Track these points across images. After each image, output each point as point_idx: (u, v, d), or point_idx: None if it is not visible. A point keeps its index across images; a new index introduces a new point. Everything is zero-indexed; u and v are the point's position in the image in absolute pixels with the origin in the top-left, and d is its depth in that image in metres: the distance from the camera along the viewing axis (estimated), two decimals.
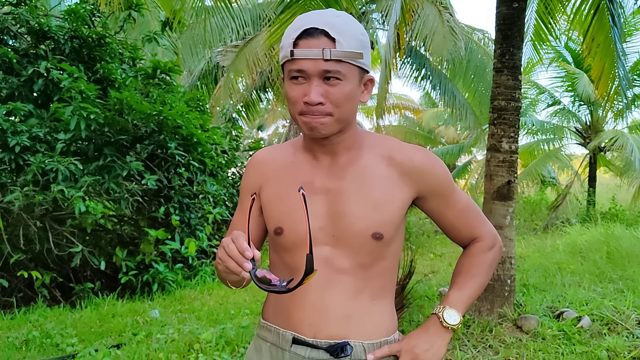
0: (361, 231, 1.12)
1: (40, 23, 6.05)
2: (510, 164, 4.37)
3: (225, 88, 9.75)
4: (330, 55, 1.02)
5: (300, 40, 1.04)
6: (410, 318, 4.36)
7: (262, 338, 1.24)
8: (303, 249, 1.08)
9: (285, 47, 1.06)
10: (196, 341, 3.82)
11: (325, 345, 1.13)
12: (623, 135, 11.64)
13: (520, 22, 4.46)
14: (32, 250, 5.30)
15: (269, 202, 1.20)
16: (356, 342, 1.15)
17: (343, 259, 1.14)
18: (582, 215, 12.00)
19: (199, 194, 6.56)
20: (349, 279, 1.14)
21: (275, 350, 1.20)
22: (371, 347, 1.16)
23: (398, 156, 1.16)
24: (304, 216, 0.98)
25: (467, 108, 11.35)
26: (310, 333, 1.15)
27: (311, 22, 1.04)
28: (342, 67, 1.04)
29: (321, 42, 1.03)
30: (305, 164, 1.18)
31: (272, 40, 5.08)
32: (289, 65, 1.06)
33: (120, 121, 5.93)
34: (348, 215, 1.12)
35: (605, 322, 4.15)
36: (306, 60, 1.03)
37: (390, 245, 1.17)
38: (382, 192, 1.13)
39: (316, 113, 1.06)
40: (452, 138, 21.87)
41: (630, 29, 10.72)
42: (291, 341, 1.17)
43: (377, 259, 1.16)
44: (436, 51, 8.72)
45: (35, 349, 3.95)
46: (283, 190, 1.18)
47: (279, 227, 1.16)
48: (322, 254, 1.13)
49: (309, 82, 1.05)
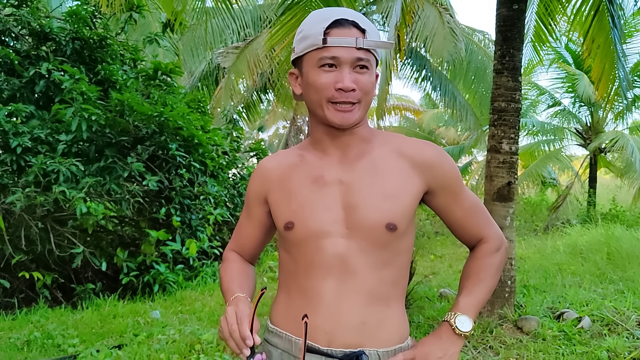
0: (375, 222, 1.10)
1: (42, 24, 6.06)
2: (511, 165, 4.38)
3: (226, 89, 9.77)
4: (363, 44, 1.07)
5: (332, 29, 1.08)
6: (410, 319, 4.37)
7: (272, 344, 1.21)
8: (313, 243, 1.12)
9: (314, 36, 1.08)
10: (197, 342, 3.83)
11: (341, 355, 1.11)
12: (623, 136, 11.64)
13: (520, 23, 4.47)
14: (33, 251, 5.30)
15: (278, 202, 1.20)
16: (371, 350, 1.12)
17: (358, 255, 1.11)
18: (582, 216, 12.00)
19: (200, 195, 6.56)
20: (364, 280, 1.12)
21: (288, 357, 1.17)
22: (386, 355, 1.14)
23: (409, 150, 1.17)
24: (315, 211, 1.13)
25: (468, 109, 11.35)
26: (324, 341, 1.12)
27: (339, 14, 1.09)
28: (370, 56, 1.10)
29: (352, 32, 1.08)
30: (315, 159, 1.19)
31: (272, 42, 5.09)
32: (320, 53, 1.09)
33: (121, 122, 5.94)
34: (361, 207, 1.11)
35: (606, 322, 4.16)
36: (340, 48, 1.07)
37: (403, 239, 1.15)
38: (394, 183, 1.14)
39: (349, 99, 1.09)
40: (453, 139, 21.87)
41: (630, 30, 10.72)
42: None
43: (391, 254, 1.14)
44: (436, 52, 8.73)
45: (37, 349, 3.96)
46: (292, 187, 1.18)
47: (290, 221, 1.15)
48: (337, 250, 1.11)
49: (340, 69, 1.09)
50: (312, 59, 1.10)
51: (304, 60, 1.13)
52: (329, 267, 1.12)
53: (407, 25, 5.86)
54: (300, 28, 1.14)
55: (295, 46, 1.14)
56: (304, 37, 1.11)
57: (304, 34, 1.11)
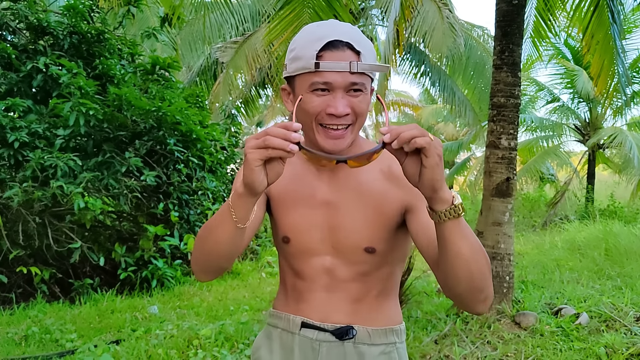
0: (354, 244, 1.17)
1: (39, 19, 6.03)
2: (510, 160, 4.37)
3: (225, 84, 9.73)
4: (357, 68, 1.02)
5: (325, 52, 1.03)
6: (409, 314, 4.37)
7: (272, 325, 1.30)
8: (305, 258, 1.21)
9: (306, 58, 1.04)
10: (195, 337, 3.83)
11: (332, 329, 1.20)
12: (622, 132, 11.65)
13: (519, 18, 4.46)
14: (31, 246, 5.29)
15: (277, 211, 1.23)
16: (361, 327, 1.21)
17: (343, 269, 1.19)
18: (580, 212, 12.03)
19: (198, 190, 6.56)
20: (352, 285, 1.20)
21: (286, 335, 1.26)
22: (376, 333, 1.21)
23: (397, 168, 1.12)
24: (306, 230, 1.14)
25: (467, 105, 11.34)
26: (318, 318, 1.22)
27: (333, 34, 1.04)
28: (364, 79, 1.06)
29: (346, 54, 1.03)
30: (309, 175, 1.20)
31: (271, 37, 5.07)
32: (312, 77, 1.04)
33: (119, 117, 5.92)
34: (343, 229, 1.17)
35: (604, 318, 4.17)
36: (333, 73, 1.03)
37: (385, 257, 1.19)
38: (376, 208, 1.15)
39: (341, 122, 1.06)
40: (452, 135, 21.88)
41: (629, 26, 10.73)
42: (300, 325, 1.23)
43: (375, 269, 1.20)
44: (435, 48, 8.69)
45: (35, 344, 3.96)
46: (290, 201, 1.21)
47: (286, 236, 1.21)
48: (324, 264, 1.20)
49: (333, 93, 1.05)
50: (304, 81, 1.06)
51: (296, 80, 1.09)
52: (318, 278, 1.21)
53: (406, 20, 5.85)
54: (292, 45, 1.09)
55: (287, 64, 1.09)
56: (296, 57, 1.06)
57: (296, 54, 1.06)
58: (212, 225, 1.05)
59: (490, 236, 4.36)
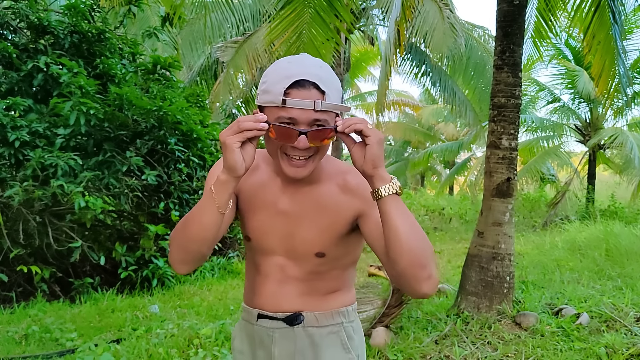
0: (306, 250, 1.32)
1: (40, 18, 6.03)
2: (510, 161, 4.37)
3: (225, 84, 9.74)
4: (321, 107, 1.12)
5: (292, 89, 1.12)
6: (408, 314, 4.37)
7: (242, 318, 1.47)
8: (263, 255, 1.36)
9: (275, 94, 1.13)
10: (195, 336, 3.83)
11: (283, 317, 1.35)
12: (623, 132, 11.65)
13: (520, 19, 4.46)
14: (31, 245, 5.29)
15: (243, 210, 1.36)
16: (309, 312, 1.36)
17: (295, 268, 1.34)
18: (581, 212, 12.02)
19: (198, 190, 6.56)
20: (302, 281, 1.35)
21: (248, 325, 1.42)
22: (323, 316, 1.36)
23: (352, 181, 1.29)
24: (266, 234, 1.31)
25: (467, 105, 11.35)
26: (271, 309, 1.37)
27: (301, 73, 1.13)
28: (328, 115, 1.15)
29: (312, 93, 1.13)
30: (275, 187, 1.33)
31: (272, 36, 5.07)
32: (279, 112, 1.13)
33: (120, 116, 5.92)
34: (297, 237, 1.31)
35: (604, 319, 4.17)
36: (297, 110, 1.12)
37: (336, 260, 1.35)
38: (330, 218, 1.29)
39: (303, 154, 1.18)
40: (452, 135, 21.87)
41: (630, 27, 10.73)
42: (257, 316, 1.38)
43: (325, 270, 1.35)
44: (436, 48, 8.70)
45: (35, 343, 3.96)
46: (254, 207, 1.34)
47: (248, 236, 1.37)
48: (277, 262, 1.35)
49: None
50: (272, 113, 1.14)
51: (265, 110, 1.17)
52: (272, 273, 1.36)
53: (407, 20, 5.84)
54: (264, 77, 1.18)
55: (259, 94, 1.18)
56: (266, 91, 1.15)
57: (266, 88, 1.15)
58: (195, 213, 1.18)
59: (490, 236, 4.36)
